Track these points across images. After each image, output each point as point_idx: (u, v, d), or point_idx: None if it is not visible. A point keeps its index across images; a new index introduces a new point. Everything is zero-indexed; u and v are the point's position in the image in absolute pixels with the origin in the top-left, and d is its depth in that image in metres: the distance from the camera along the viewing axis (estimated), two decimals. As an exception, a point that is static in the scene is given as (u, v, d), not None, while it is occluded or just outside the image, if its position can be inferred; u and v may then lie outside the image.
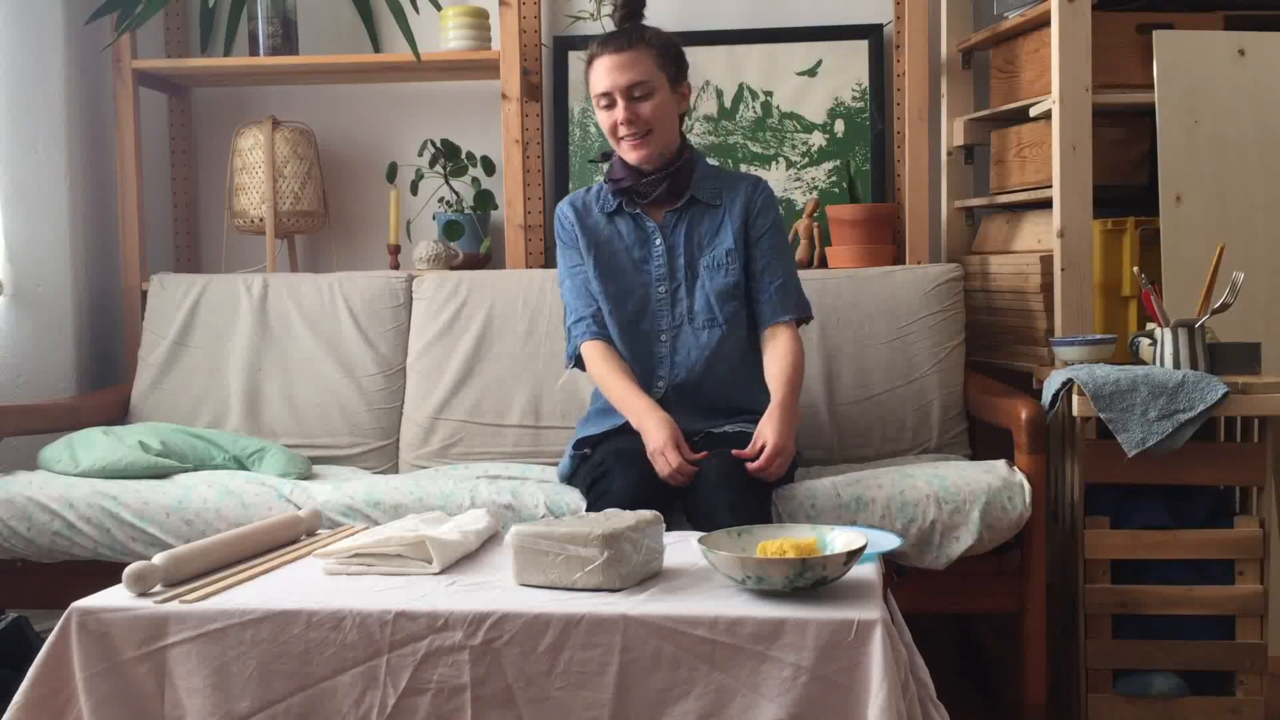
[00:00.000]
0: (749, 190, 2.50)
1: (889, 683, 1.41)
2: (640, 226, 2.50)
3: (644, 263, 2.48)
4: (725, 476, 2.16)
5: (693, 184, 2.48)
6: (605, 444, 2.36)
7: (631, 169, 2.45)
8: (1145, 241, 2.61)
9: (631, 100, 2.38)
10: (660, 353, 2.45)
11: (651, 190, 2.45)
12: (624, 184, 2.47)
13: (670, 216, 2.49)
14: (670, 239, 2.48)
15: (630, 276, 2.47)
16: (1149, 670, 2.31)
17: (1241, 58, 2.62)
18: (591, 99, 2.46)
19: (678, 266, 2.47)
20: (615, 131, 2.42)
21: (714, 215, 2.49)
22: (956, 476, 2.30)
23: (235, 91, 3.43)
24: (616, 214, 2.51)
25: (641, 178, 2.45)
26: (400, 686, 1.51)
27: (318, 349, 2.94)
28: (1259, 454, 2.31)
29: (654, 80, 2.40)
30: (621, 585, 1.58)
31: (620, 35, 2.41)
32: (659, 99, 2.40)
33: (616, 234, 2.50)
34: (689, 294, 2.46)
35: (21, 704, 1.55)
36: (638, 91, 2.38)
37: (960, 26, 3.16)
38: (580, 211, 2.53)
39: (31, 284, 3.02)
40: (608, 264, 2.48)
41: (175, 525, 2.36)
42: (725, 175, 2.56)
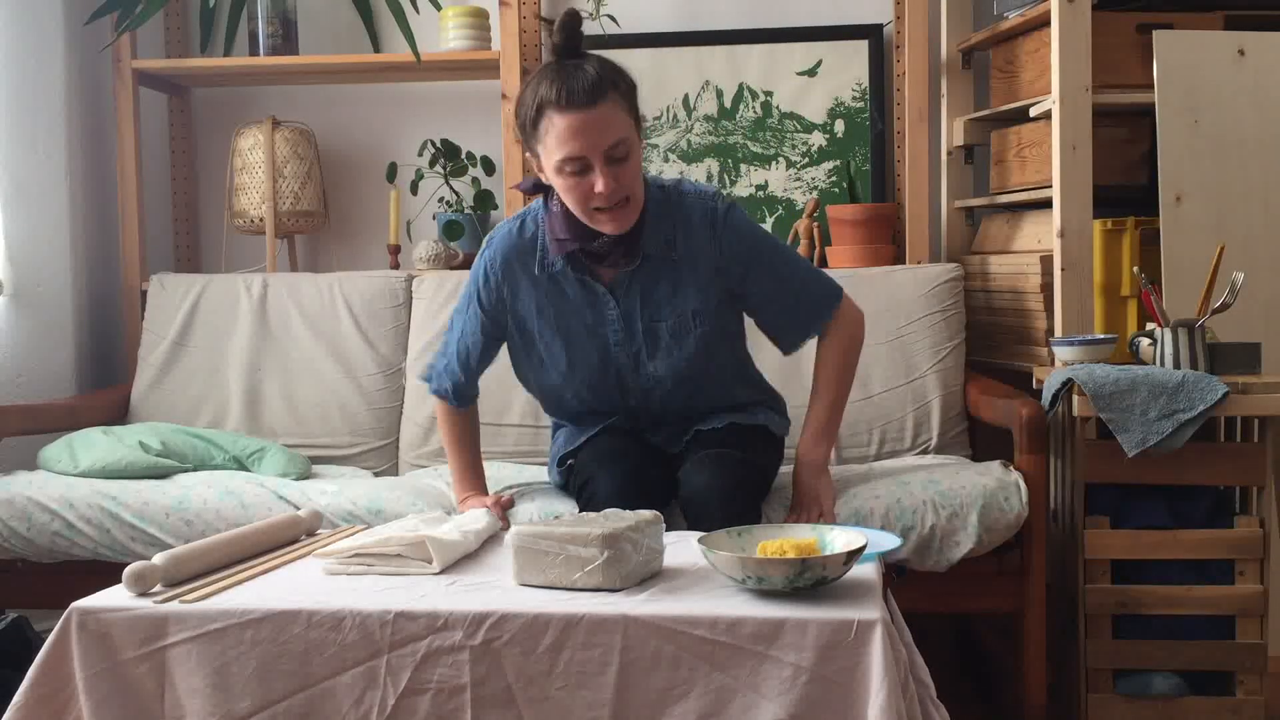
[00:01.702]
0: (705, 234, 2.15)
1: (889, 683, 1.41)
2: (588, 289, 2.17)
3: (598, 327, 2.19)
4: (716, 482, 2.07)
5: (645, 236, 2.13)
6: (585, 449, 2.24)
7: (581, 228, 2.09)
8: (1145, 241, 2.61)
9: (611, 164, 2.00)
10: (634, 404, 2.26)
11: (605, 252, 2.12)
12: (571, 247, 2.12)
13: (621, 278, 2.16)
14: (624, 303, 2.17)
15: (583, 341, 2.20)
16: (1149, 670, 2.31)
17: (1241, 58, 2.62)
18: (539, 159, 2.06)
19: (635, 331, 2.18)
20: (588, 201, 2.02)
21: (671, 270, 2.17)
22: (952, 481, 2.30)
23: (235, 91, 3.43)
24: (559, 274, 2.18)
25: (594, 238, 2.10)
26: (400, 686, 1.51)
27: (318, 349, 2.94)
28: (1259, 454, 2.31)
29: (630, 135, 2.02)
30: (621, 585, 1.58)
31: (584, 84, 1.97)
32: (634, 157, 2.04)
33: (563, 297, 2.18)
34: (651, 358, 2.20)
35: (21, 704, 1.55)
36: (618, 152, 2.00)
37: (960, 26, 3.16)
38: (515, 271, 2.20)
39: (31, 284, 3.02)
40: (557, 330, 2.20)
41: (175, 525, 2.36)
42: (675, 206, 2.16)
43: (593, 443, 2.24)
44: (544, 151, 2.03)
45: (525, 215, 2.24)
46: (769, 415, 2.34)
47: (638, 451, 2.21)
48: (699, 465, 2.11)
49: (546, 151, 2.02)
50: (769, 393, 2.40)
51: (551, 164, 2.03)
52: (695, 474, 2.10)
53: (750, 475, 2.16)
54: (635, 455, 2.19)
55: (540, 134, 2.02)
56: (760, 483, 2.23)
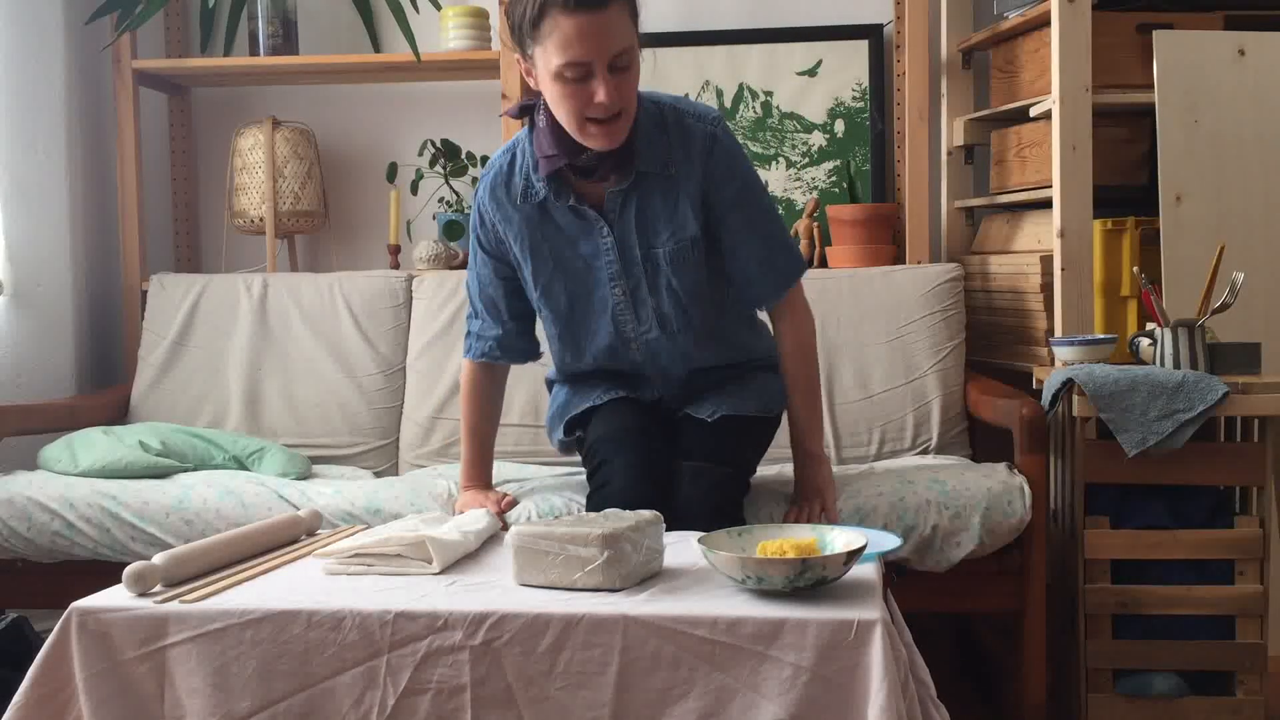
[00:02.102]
0: (703, 154, 2.04)
1: (889, 683, 1.40)
2: (581, 217, 2.06)
3: (593, 259, 2.08)
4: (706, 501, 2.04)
5: (639, 151, 2.02)
6: (595, 424, 2.14)
7: (570, 142, 1.97)
8: (1145, 241, 2.61)
9: (614, 73, 1.89)
10: (637, 359, 2.18)
11: (595, 167, 2.00)
12: (559, 163, 1.99)
13: (613, 198, 2.04)
14: (618, 229, 2.05)
15: (582, 279, 2.10)
16: (1149, 670, 2.31)
17: (1241, 58, 2.62)
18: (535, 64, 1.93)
19: (632, 261, 2.07)
20: (584, 110, 1.91)
21: (667, 188, 2.05)
22: (956, 482, 2.30)
23: (235, 91, 3.43)
24: (547, 202, 2.06)
25: (583, 152, 1.98)
26: (400, 686, 1.51)
27: (318, 349, 2.94)
28: (1259, 454, 2.31)
29: (634, 45, 1.92)
30: (621, 585, 1.58)
31: None
32: (635, 68, 1.93)
33: (554, 228, 2.07)
34: (653, 293, 2.10)
35: (21, 704, 1.55)
36: (621, 61, 1.89)
37: (960, 26, 3.16)
38: (504, 205, 2.10)
39: (31, 284, 3.02)
40: (552, 268, 2.10)
41: (175, 525, 2.36)
42: (670, 125, 2.05)
43: (604, 416, 2.16)
44: (541, 56, 1.90)
45: (513, 145, 2.12)
46: (763, 389, 2.25)
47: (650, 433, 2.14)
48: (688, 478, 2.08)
49: (545, 55, 1.89)
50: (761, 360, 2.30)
51: (550, 69, 1.89)
52: (684, 488, 2.07)
53: (738, 486, 2.15)
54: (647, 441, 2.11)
55: (540, 35, 1.88)
56: (746, 482, 2.20)
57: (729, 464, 2.14)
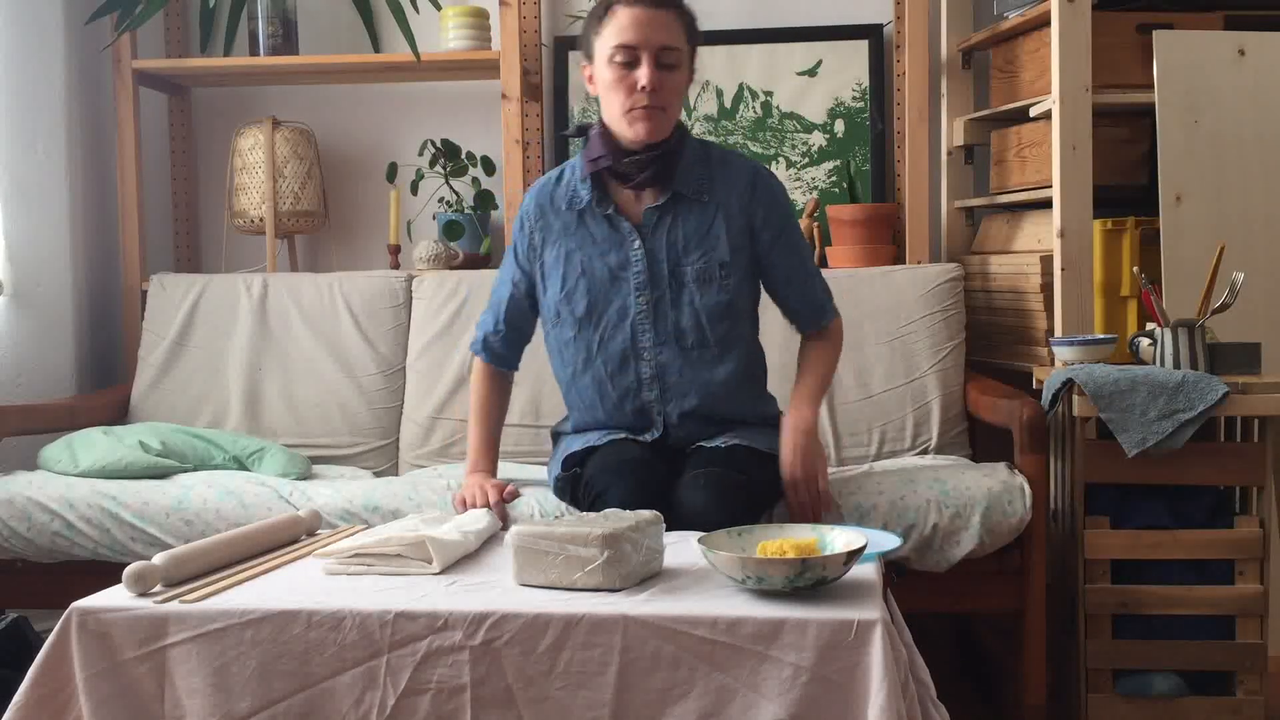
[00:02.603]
0: (746, 189, 2.21)
1: (889, 683, 1.41)
2: (615, 228, 2.20)
3: (621, 269, 2.19)
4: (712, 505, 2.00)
5: (678, 172, 2.18)
6: (594, 459, 2.16)
7: (614, 147, 2.15)
8: (1145, 241, 2.61)
9: (659, 66, 2.10)
10: (645, 376, 2.21)
11: (635, 173, 2.15)
12: (603, 163, 2.16)
13: (650, 215, 2.19)
14: (650, 242, 2.18)
15: (605, 288, 2.19)
16: (1149, 670, 2.31)
17: (1241, 58, 2.62)
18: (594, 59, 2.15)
19: (660, 274, 2.18)
20: (629, 94, 2.10)
21: (702, 213, 2.19)
22: (956, 481, 2.30)
23: (235, 91, 3.43)
24: (587, 213, 2.21)
25: (625, 156, 2.15)
26: (400, 687, 1.51)
27: (318, 349, 2.94)
28: (1259, 454, 2.31)
29: (683, 52, 2.15)
30: (621, 585, 1.58)
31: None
32: (681, 74, 2.15)
33: (588, 236, 2.21)
34: (674, 307, 2.18)
35: (21, 704, 1.55)
36: (667, 58, 2.11)
37: (960, 26, 3.16)
38: (547, 213, 2.25)
39: (31, 284, 3.02)
40: (579, 276, 2.20)
41: (175, 525, 2.36)
42: (716, 160, 2.24)
43: (602, 453, 2.17)
44: (599, 46, 2.13)
45: (564, 166, 2.32)
46: (774, 437, 2.23)
47: (647, 464, 2.13)
48: (695, 483, 2.05)
49: (602, 44, 2.12)
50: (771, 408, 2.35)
51: (604, 56, 2.12)
52: (692, 493, 2.04)
53: (748, 499, 2.07)
54: (644, 469, 2.11)
55: (602, 28, 2.13)
56: (759, 507, 2.15)
57: (739, 472, 2.10)
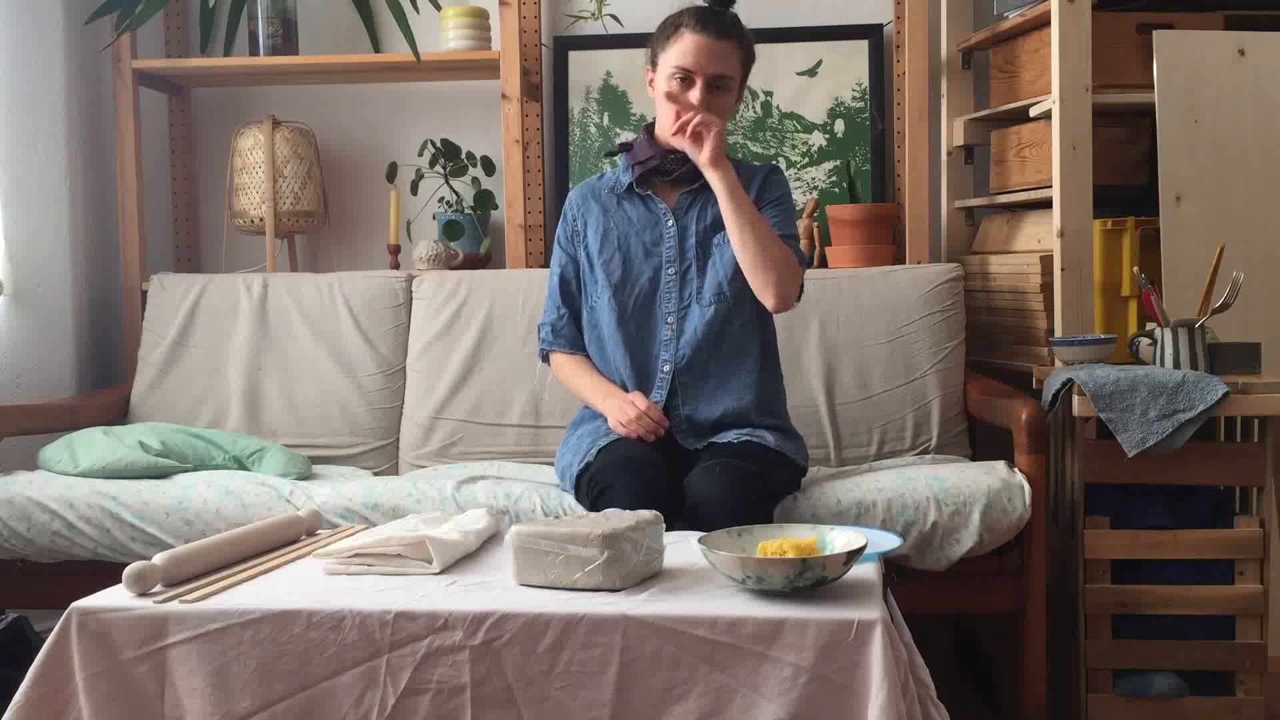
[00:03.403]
0: (761, 176, 2.45)
1: (889, 683, 1.41)
2: (650, 210, 2.43)
3: (655, 245, 2.41)
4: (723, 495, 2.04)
5: None
6: (599, 458, 2.21)
7: (659, 147, 2.40)
8: (1145, 241, 2.61)
9: (712, 90, 2.32)
10: (665, 336, 2.38)
11: (676, 167, 2.39)
12: (651, 163, 2.40)
13: (684, 199, 2.42)
14: (682, 220, 2.41)
15: (640, 262, 2.41)
16: (1149, 670, 2.31)
17: (1241, 58, 2.62)
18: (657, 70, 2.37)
19: (688, 247, 2.40)
20: (679, 115, 2.31)
21: None
22: (956, 479, 2.30)
23: (235, 91, 3.43)
24: (625, 198, 2.45)
25: (669, 155, 2.39)
26: (400, 686, 1.51)
27: (318, 349, 2.94)
28: (1259, 454, 2.31)
29: (736, 79, 2.36)
30: (621, 585, 1.58)
31: (723, 19, 2.34)
32: (730, 96, 2.36)
33: (626, 218, 2.44)
34: (699, 274, 2.39)
35: (21, 704, 1.55)
36: (721, 84, 2.33)
37: (960, 26, 3.16)
38: (589, 201, 2.48)
39: (31, 284, 3.02)
40: (615, 248, 2.42)
41: (175, 525, 2.36)
42: (743, 165, 2.49)
43: (609, 451, 2.22)
44: (663, 61, 2.35)
45: (607, 170, 2.53)
46: (785, 442, 2.33)
47: (653, 462, 2.16)
48: (708, 474, 2.09)
49: (665, 61, 2.34)
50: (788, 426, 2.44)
51: (666, 71, 2.34)
52: (703, 482, 2.08)
53: (760, 490, 2.11)
54: (650, 467, 2.14)
55: (668, 46, 2.34)
56: (770, 500, 2.18)
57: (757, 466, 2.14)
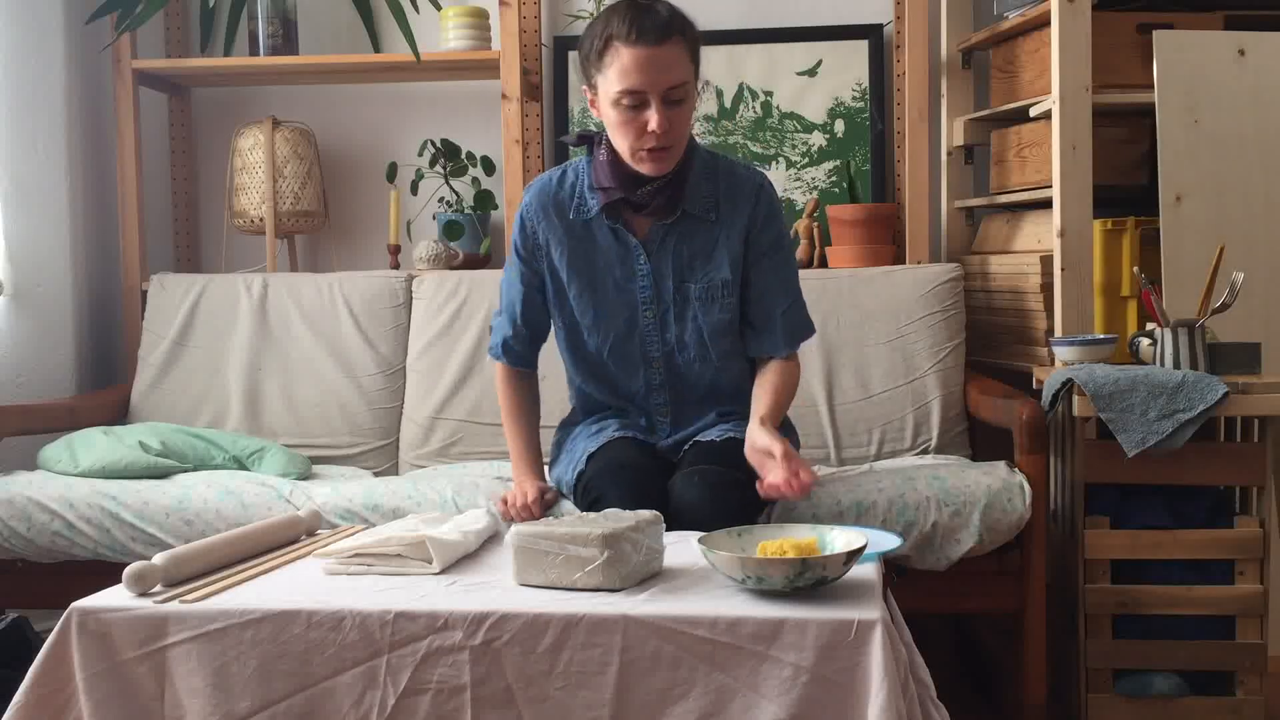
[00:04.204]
0: (750, 205, 2.19)
1: (889, 683, 1.41)
2: (621, 242, 2.19)
3: (627, 282, 2.19)
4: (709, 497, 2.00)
5: (687, 191, 2.17)
6: (592, 462, 2.15)
7: (626, 176, 2.12)
8: (1145, 241, 2.61)
9: (668, 105, 2.04)
10: (655, 381, 2.25)
11: (647, 201, 2.14)
12: (616, 195, 2.14)
13: (656, 230, 2.18)
14: (656, 259, 2.18)
15: (612, 298, 2.20)
16: (1149, 670, 2.31)
17: (1241, 58, 2.62)
18: (597, 92, 2.09)
19: (665, 290, 2.19)
20: (638, 140, 2.05)
21: (707, 232, 2.19)
22: (957, 479, 2.30)
23: (235, 91, 3.43)
24: (593, 222, 2.19)
25: (638, 187, 2.13)
26: (400, 686, 1.51)
27: (318, 349, 2.94)
28: (1259, 454, 2.31)
29: (690, 81, 2.07)
30: (621, 585, 1.58)
31: (655, 16, 2.04)
32: (690, 104, 2.08)
33: (594, 246, 2.19)
34: (678, 322, 2.20)
35: (21, 704, 1.55)
36: (675, 95, 2.04)
37: (960, 26, 3.16)
38: (550, 216, 2.21)
39: (31, 284, 3.02)
40: (587, 282, 2.20)
41: (175, 525, 2.36)
42: (723, 174, 2.22)
43: (600, 455, 2.16)
44: (603, 84, 2.06)
45: (566, 166, 2.26)
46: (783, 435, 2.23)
47: (644, 466, 2.13)
48: (689, 480, 2.04)
49: (606, 84, 2.05)
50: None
51: (609, 96, 2.05)
52: (686, 489, 2.03)
53: (739, 497, 2.04)
54: (643, 474, 2.10)
55: (604, 65, 2.05)
56: (752, 502, 2.11)
57: (734, 468, 2.08)
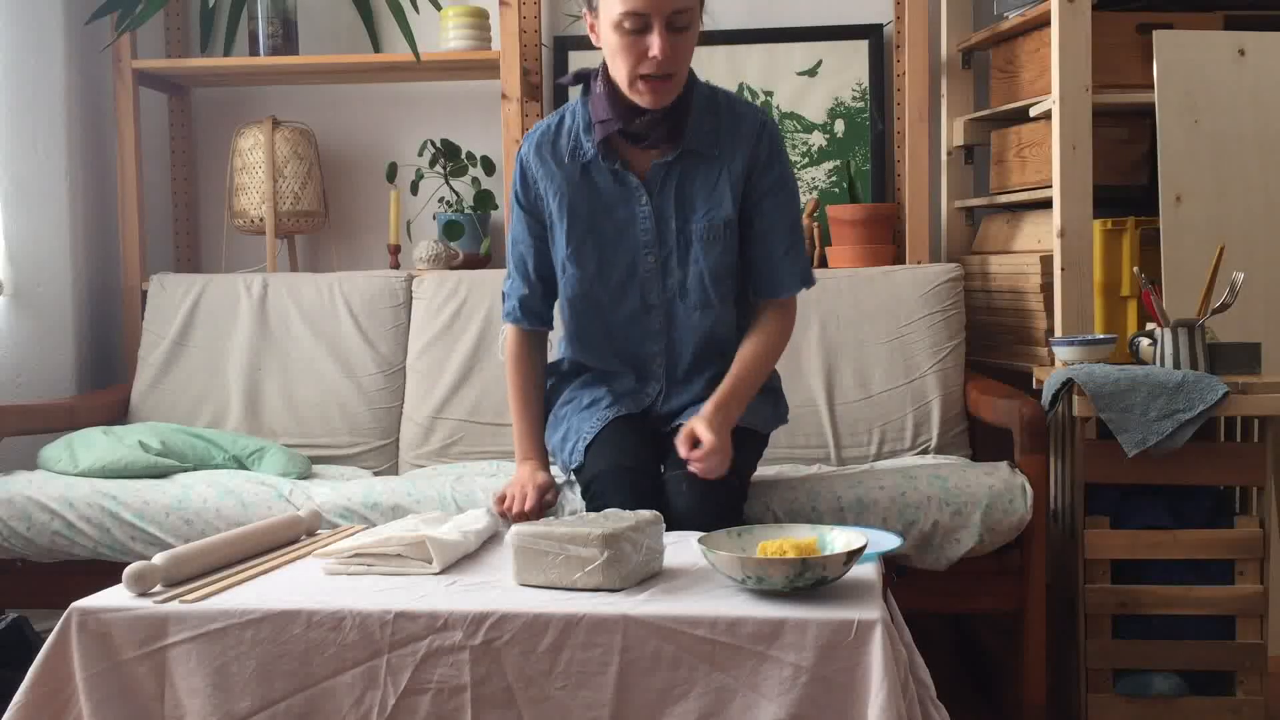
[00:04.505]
0: (751, 140, 2.12)
1: (889, 683, 1.41)
2: (622, 183, 2.12)
3: (628, 225, 2.13)
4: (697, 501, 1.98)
5: (689, 124, 2.09)
6: (592, 457, 2.11)
7: (624, 107, 2.04)
8: (1145, 241, 2.61)
9: (671, 31, 1.95)
10: (654, 328, 2.18)
11: (647, 132, 2.06)
12: (613, 125, 2.05)
13: (658, 169, 2.11)
14: (657, 199, 2.12)
15: (613, 243, 2.13)
16: (1149, 670, 2.31)
17: (1241, 58, 2.62)
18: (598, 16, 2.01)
19: (668, 232, 2.12)
20: (637, 66, 1.97)
21: (709, 168, 2.12)
22: (958, 479, 2.30)
23: (235, 91, 3.43)
24: (591, 164, 2.12)
25: (636, 117, 2.05)
26: (400, 686, 1.51)
27: (318, 349, 2.94)
28: (1259, 454, 2.31)
29: (694, 8, 1.99)
30: (621, 585, 1.58)
31: None
32: (693, 33, 2.00)
33: (594, 190, 2.12)
34: (681, 265, 2.14)
35: (21, 704, 1.55)
36: (679, 21, 1.96)
37: (960, 26, 3.16)
38: (548, 161, 2.14)
39: (31, 284, 3.02)
40: (587, 228, 2.13)
41: (175, 525, 2.36)
42: (723, 108, 2.14)
43: (598, 454, 2.12)
44: (605, 6, 1.98)
45: (564, 110, 2.20)
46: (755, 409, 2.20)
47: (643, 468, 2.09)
48: (677, 486, 2.02)
49: (608, 6, 1.97)
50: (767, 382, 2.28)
51: (611, 19, 1.97)
52: (676, 497, 2.02)
53: (732, 494, 2.07)
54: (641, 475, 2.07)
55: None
56: (740, 490, 2.13)
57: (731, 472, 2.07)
